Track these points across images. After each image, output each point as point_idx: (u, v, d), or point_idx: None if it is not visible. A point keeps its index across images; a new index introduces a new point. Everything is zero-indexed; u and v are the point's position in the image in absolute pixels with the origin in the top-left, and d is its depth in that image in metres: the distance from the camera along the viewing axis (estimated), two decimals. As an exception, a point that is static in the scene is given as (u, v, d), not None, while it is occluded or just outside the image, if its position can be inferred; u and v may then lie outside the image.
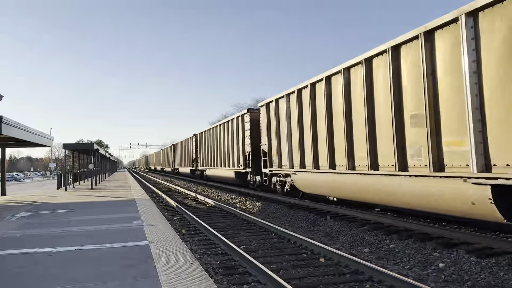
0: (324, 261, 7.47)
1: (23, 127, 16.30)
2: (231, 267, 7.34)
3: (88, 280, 5.28)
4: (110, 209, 13.67)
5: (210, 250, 8.78)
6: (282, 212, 14.54)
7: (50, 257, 6.70)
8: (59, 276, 5.52)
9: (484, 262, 6.86)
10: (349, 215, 12.02)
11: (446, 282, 6.33)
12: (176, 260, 6.11)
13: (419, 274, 6.70)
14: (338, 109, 11.94)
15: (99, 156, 39.40)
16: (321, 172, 13.02)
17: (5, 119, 13.56)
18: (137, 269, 5.69)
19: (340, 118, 11.73)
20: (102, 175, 44.07)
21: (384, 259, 7.85)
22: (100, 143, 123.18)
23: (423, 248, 8.04)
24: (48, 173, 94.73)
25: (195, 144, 36.71)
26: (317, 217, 12.66)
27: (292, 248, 8.77)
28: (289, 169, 15.47)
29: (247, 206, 17.56)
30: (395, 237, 9.04)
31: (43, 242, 7.94)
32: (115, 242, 7.69)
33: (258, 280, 6.43)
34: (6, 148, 22.66)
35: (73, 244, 7.62)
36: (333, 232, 10.69)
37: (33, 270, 5.87)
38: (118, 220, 10.63)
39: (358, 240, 9.56)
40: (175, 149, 52.43)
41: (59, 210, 13.78)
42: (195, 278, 5.19)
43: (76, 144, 42.04)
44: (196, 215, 13.99)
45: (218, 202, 18.31)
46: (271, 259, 7.83)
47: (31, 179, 70.80)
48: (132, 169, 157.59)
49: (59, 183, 28.70)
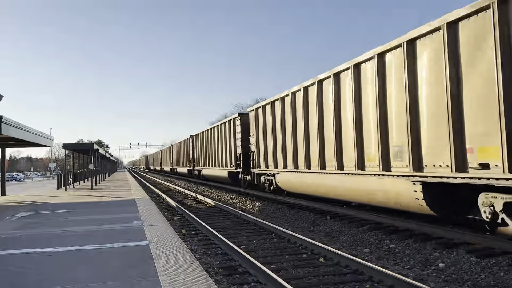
0: (324, 261, 7.47)
1: (23, 127, 16.31)
2: (231, 267, 7.34)
3: (88, 280, 5.28)
4: (110, 209, 13.67)
5: (210, 250, 8.78)
6: (282, 212, 14.54)
7: (50, 257, 6.70)
8: (59, 276, 5.52)
9: (484, 262, 6.86)
10: (349, 215, 12.03)
11: (446, 282, 6.33)
12: (176, 260, 6.11)
13: (419, 274, 6.70)
14: (312, 116, 13.59)
15: (99, 156, 39.39)
16: (299, 172, 14.58)
17: (5, 119, 13.56)
18: (137, 269, 5.69)
19: (314, 124, 13.35)
20: (102, 175, 44.08)
21: (384, 259, 7.85)
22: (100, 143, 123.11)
23: (423, 248, 8.04)
24: (48, 173, 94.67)
25: (192, 145, 38.00)
26: (317, 217, 12.66)
27: (292, 248, 8.77)
28: (274, 169, 17.11)
29: (247, 206, 17.57)
30: (395, 237, 9.04)
31: (43, 242, 7.94)
32: (115, 242, 7.69)
33: (258, 280, 6.43)
34: (6, 148, 22.66)
35: (73, 244, 7.62)
36: (333, 232, 10.69)
37: (33, 270, 5.87)
38: (118, 220, 10.63)
39: (358, 240, 9.56)
40: (173, 149, 53.69)
41: (59, 210, 13.78)
42: (195, 278, 5.19)
43: (76, 144, 42.12)
44: (196, 215, 13.99)
45: (218, 202, 18.31)
46: (271, 259, 7.83)
47: (31, 179, 70.77)
48: (132, 169, 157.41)
49: (59, 183, 28.70)
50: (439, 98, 8.22)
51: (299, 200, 15.72)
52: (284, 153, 15.87)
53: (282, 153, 15.97)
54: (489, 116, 7.17)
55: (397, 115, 9.54)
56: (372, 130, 10.40)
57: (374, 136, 10.25)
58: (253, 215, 14.24)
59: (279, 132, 16.29)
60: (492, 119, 7.09)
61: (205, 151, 32.13)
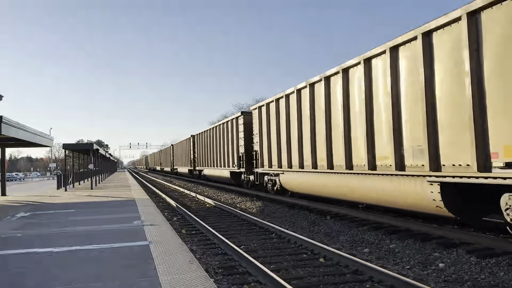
0: (324, 261, 7.47)
1: (23, 127, 16.31)
2: (231, 267, 7.34)
3: (88, 280, 5.28)
4: (110, 209, 13.67)
5: (210, 250, 8.77)
6: (282, 212, 14.54)
7: (50, 257, 6.70)
8: (59, 276, 5.52)
9: (484, 262, 6.86)
10: (349, 215, 12.03)
11: (446, 282, 6.33)
12: (176, 260, 6.11)
13: (419, 274, 6.70)
14: (319, 114, 13.28)
15: (99, 156, 39.39)
16: (306, 172, 14.27)
17: (5, 119, 13.56)
18: (137, 269, 5.69)
19: (322, 124, 13.01)
20: (102, 175, 44.08)
21: (384, 259, 7.85)
22: (100, 143, 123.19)
23: (423, 248, 8.04)
24: (48, 173, 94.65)
25: (192, 144, 38.05)
26: (317, 217, 12.66)
27: (292, 248, 8.76)
28: (278, 169, 16.77)
29: (247, 206, 17.56)
30: (395, 237, 9.04)
31: (43, 242, 7.94)
32: (115, 242, 7.69)
33: (258, 280, 6.43)
34: (6, 148, 22.66)
35: (74, 244, 7.62)
36: (333, 232, 10.69)
37: (34, 270, 5.88)
38: (118, 220, 10.63)
39: (358, 240, 9.56)
40: (174, 149, 53.84)
41: (59, 210, 13.78)
42: (195, 278, 5.19)
43: (76, 144, 42.09)
44: (196, 215, 13.98)
45: (218, 202, 18.31)
46: (271, 259, 7.82)
47: (31, 179, 70.78)
48: (132, 169, 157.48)
49: (59, 183, 28.68)
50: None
51: (299, 200, 15.72)
52: (289, 153, 15.49)
53: (287, 152, 15.60)
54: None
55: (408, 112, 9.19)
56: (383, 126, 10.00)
57: (386, 133, 9.84)
58: (253, 215, 14.24)
59: (283, 130, 15.99)
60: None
61: (206, 151, 32.01)
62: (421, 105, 8.64)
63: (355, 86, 11.25)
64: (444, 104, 8.20)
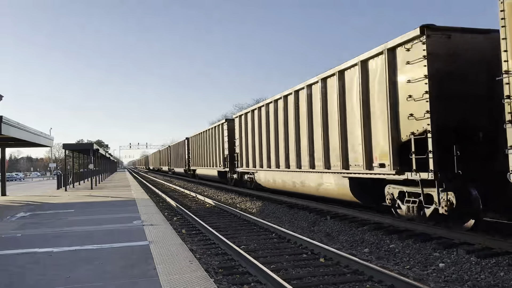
0: (324, 261, 7.47)
1: (23, 127, 16.30)
2: (231, 267, 7.34)
3: (88, 280, 5.28)
4: (110, 209, 13.68)
5: (210, 250, 8.78)
6: (282, 212, 14.55)
7: (50, 257, 6.70)
8: (59, 276, 5.53)
9: (484, 262, 6.86)
10: (349, 215, 12.02)
11: (446, 282, 6.33)
12: (176, 260, 6.11)
13: (419, 274, 6.70)
14: (280, 125, 16.44)
15: (99, 156, 39.40)
16: (272, 170, 17.54)
17: (5, 119, 13.55)
18: (137, 269, 5.69)
19: (282, 135, 16.16)
20: (102, 175, 44.08)
21: (384, 259, 7.86)
22: (100, 143, 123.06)
23: (423, 248, 8.04)
24: (48, 173, 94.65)
25: (187, 146, 41.44)
26: (317, 217, 12.66)
27: (292, 248, 8.77)
28: (253, 168, 20.20)
29: (247, 206, 17.57)
30: (395, 237, 9.04)
31: (43, 242, 7.95)
32: (115, 242, 7.69)
33: (258, 280, 6.43)
34: (6, 148, 22.66)
35: (74, 244, 7.62)
36: (333, 232, 10.69)
37: (34, 270, 5.88)
38: (118, 220, 10.63)
39: (358, 240, 9.56)
40: (171, 150, 56.44)
41: (59, 210, 13.78)
42: (195, 278, 5.20)
43: (76, 144, 42.14)
44: (196, 215, 13.98)
45: (218, 202, 18.32)
46: (271, 259, 7.83)
47: (31, 179, 70.77)
48: (132, 169, 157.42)
49: (59, 183, 28.68)
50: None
51: (299, 200, 15.74)
52: (261, 155, 18.81)
53: (259, 154, 18.99)
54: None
55: (331, 129, 12.43)
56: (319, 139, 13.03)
57: (318, 141, 13.11)
58: (253, 215, 14.25)
59: (257, 137, 19.33)
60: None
61: (198, 152, 35.20)
62: (337, 126, 12.00)
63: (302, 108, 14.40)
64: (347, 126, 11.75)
